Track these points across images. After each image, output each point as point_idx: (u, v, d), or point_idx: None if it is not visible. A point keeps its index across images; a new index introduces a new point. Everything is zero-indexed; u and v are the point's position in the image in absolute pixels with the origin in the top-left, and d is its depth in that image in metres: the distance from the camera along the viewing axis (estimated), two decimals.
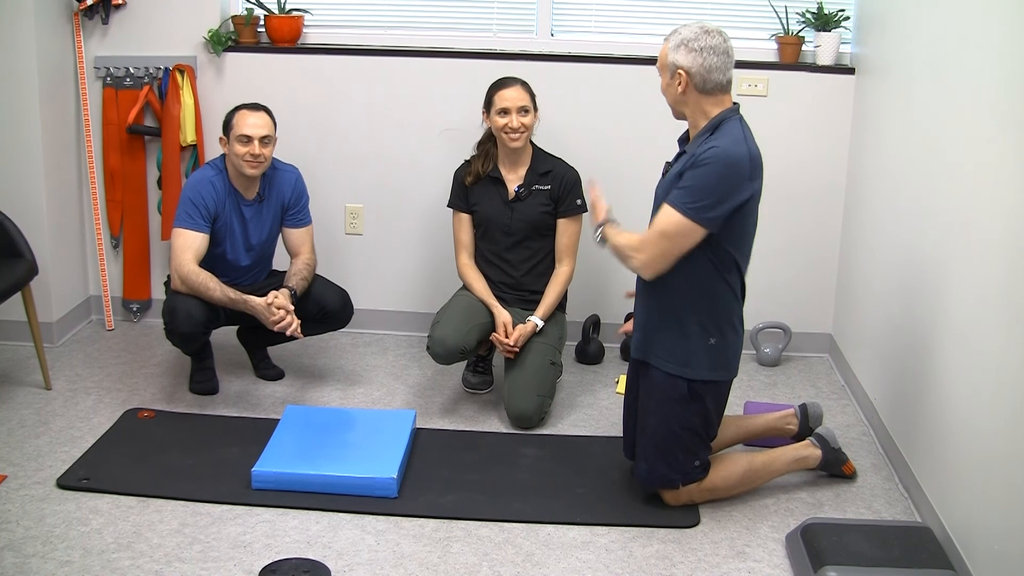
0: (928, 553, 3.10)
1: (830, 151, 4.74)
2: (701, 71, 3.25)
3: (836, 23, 4.66)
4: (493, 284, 4.35)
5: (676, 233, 3.21)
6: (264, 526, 3.41)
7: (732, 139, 3.22)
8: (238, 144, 4.07)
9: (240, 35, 4.88)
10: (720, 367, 3.40)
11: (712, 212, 3.18)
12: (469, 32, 4.92)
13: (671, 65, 3.29)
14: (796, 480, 3.75)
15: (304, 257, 4.32)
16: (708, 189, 3.17)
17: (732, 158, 3.17)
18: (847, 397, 4.50)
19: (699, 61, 3.24)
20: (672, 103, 3.38)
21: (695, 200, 3.17)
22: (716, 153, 3.17)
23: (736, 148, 3.19)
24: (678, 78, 3.27)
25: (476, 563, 3.24)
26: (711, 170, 3.16)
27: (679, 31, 3.31)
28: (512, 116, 4.15)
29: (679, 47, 3.27)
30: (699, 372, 3.36)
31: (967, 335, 3.22)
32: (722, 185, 3.17)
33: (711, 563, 3.28)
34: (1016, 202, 2.89)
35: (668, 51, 3.30)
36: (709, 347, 3.35)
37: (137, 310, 5.13)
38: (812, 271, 4.88)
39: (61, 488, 3.58)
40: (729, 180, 3.17)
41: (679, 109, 3.37)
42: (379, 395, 4.43)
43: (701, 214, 3.18)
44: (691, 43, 3.25)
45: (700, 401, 3.40)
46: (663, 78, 3.36)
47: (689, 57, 3.25)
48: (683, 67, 3.26)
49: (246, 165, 4.09)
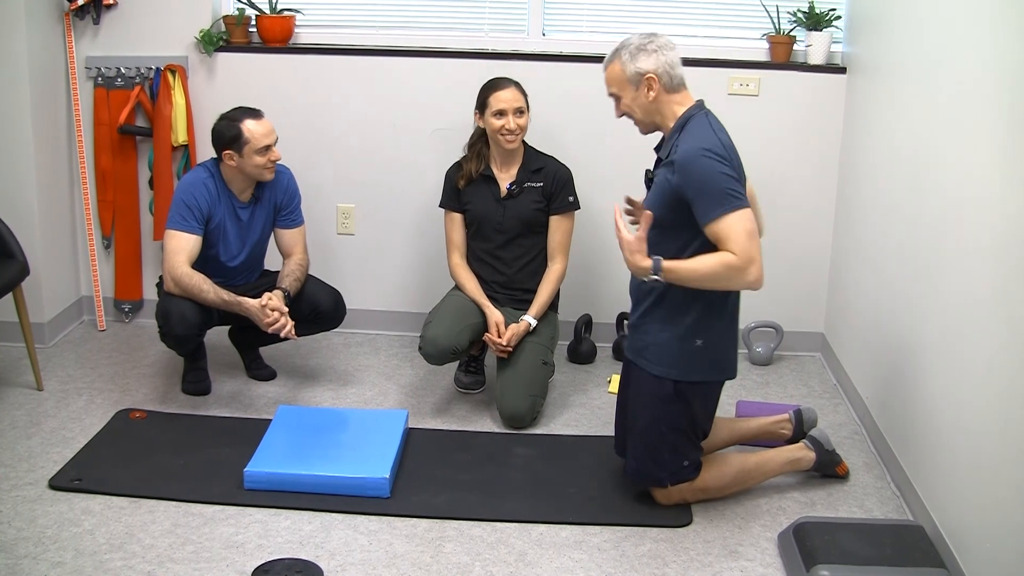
0: (920, 551, 3.11)
1: (821, 150, 4.74)
2: (667, 69, 3.28)
3: (827, 22, 4.67)
4: (485, 283, 4.35)
5: (742, 226, 3.12)
6: (257, 526, 3.40)
7: (699, 134, 3.23)
8: (258, 156, 4.06)
9: (231, 35, 4.87)
10: (709, 369, 3.40)
11: (740, 186, 3.17)
12: (461, 32, 4.92)
13: (635, 75, 3.29)
14: (788, 479, 3.76)
15: (297, 258, 4.31)
16: (712, 176, 3.14)
17: (706, 145, 3.17)
18: (839, 396, 4.50)
19: (662, 60, 3.27)
20: (643, 115, 3.36)
21: (717, 195, 3.12)
22: (686, 152, 3.17)
23: (705, 140, 3.20)
24: (647, 84, 3.28)
25: (469, 563, 3.24)
26: (697, 166, 3.15)
27: (623, 46, 3.32)
28: (509, 118, 4.15)
29: (636, 55, 3.28)
30: (685, 373, 3.36)
31: (958, 334, 3.23)
32: (716, 165, 3.15)
33: (703, 562, 3.28)
34: (1006, 201, 2.90)
35: (624, 64, 3.30)
36: (696, 348, 3.34)
37: (129, 310, 5.12)
38: (804, 270, 4.89)
39: (53, 489, 3.58)
40: (720, 160, 3.16)
41: (651, 119, 3.36)
42: (371, 395, 4.43)
43: (740, 198, 3.13)
44: (646, 47, 3.28)
45: (686, 402, 3.40)
46: (625, 95, 3.34)
47: (651, 59, 3.27)
48: (650, 71, 3.27)
49: (268, 172, 4.13)
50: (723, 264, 3.12)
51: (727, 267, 3.11)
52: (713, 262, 3.14)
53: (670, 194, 3.22)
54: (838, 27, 4.72)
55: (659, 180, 3.31)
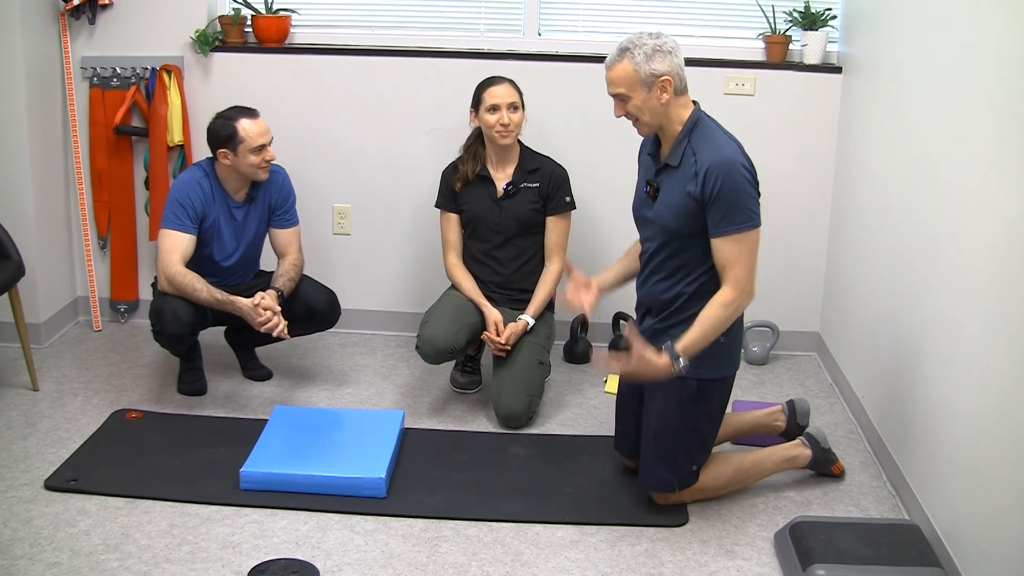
0: (916, 551, 3.11)
1: (817, 150, 4.75)
2: (678, 72, 3.24)
3: (823, 22, 4.67)
4: (482, 283, 4.35)
5: (753, 248, 3.22)
6: (252, 527, 3.40)
7: (718, 140, 3.22)
8: (252, 155, 4.06)
9: (227, 35, 4.87)
10: (727, 363, 3.42)
11: (759, 207, 3.23)
12: (457, 32, 4.92)
13: (648, 77, 3.20)
14: (785, 479, 3.76)
15: (291, 257, 4.31)
16: (743, 194, 3.17)
17: (741, 160, 3.19)
18: (835, 395, 4.51)
19: (676, 62, 3.23)
20: (651, 118, 3.28)
21: (743, 212, 3.17)
22: (720, 162, 3.16)
23: (729, 146, 3.21)
24: (660, 87, 3.21)
25: (465, 563, 3.24)
26: (731, 180, 3.15)
27: (636, 44, 3.21)
28: (503, 112, 4.15)
29: (651, 56, 3.19)
30: (708, 371, 3.34)
31: (955, 333, 3.23)
32: (748, 183, 3.19)
33: (699, 562, 3.28)
34: (1003, 200, 2.90)
35: (639, 65, 3.19)
36: (720, 345, 3.32)
37: (125, 311, 5.12)
38: (800, 270, 4.89)
39: (49, 490, 3.57)
40: (747, 175, 3.19)
41: (658, 122, 3.30)
42: (367, 395, 4.42)
43: (757, 217, 3.21)
44: (661, 47, 3.20)
45: (707, 399, 3.40)
46: (636, 96, 3.24)
47: (666, 61, 3.20)
48: (664, 73, 3.20)
49: (262, 172, 4.12)
50: (723, 306, 3.21)
51: (726, 307, 3.21)
52: (714, 313, 3.21)
53: (691, 203, 3.22)
54: (834, 27, 4.72)
55: (672, 189, 3.29)
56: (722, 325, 3.23)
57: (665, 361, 3.19)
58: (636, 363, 3.21)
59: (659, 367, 3.19)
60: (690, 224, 3.25)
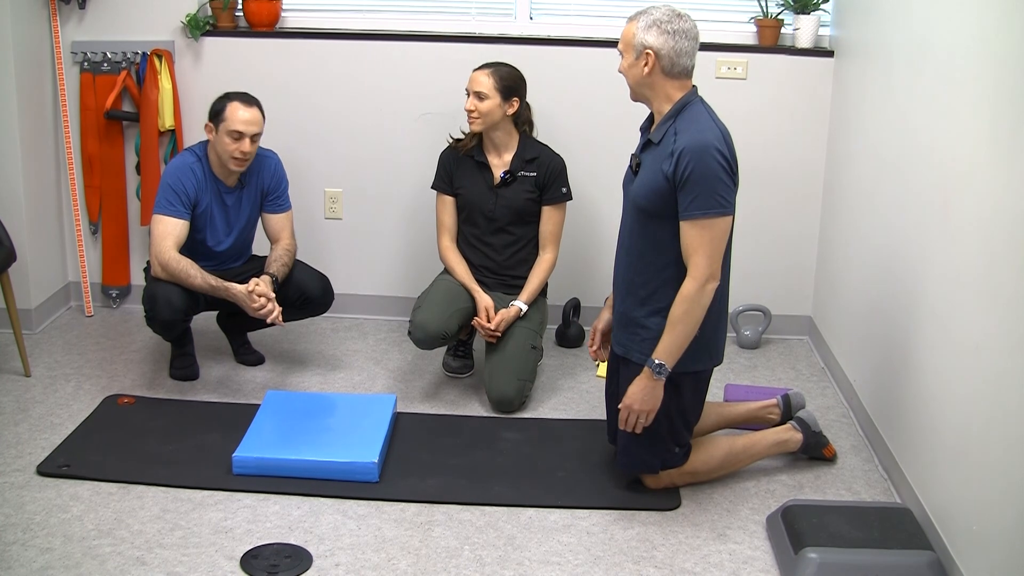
0: (907, 534, 3.12)
1: (809, 134, 4.75)
2: (671, 54, 3.22)
3: (815, 6, 4.66)
4: (475, 268, 4.35)
5: (720, 236, 3.18)
6: (245, 511, 3.41)
7: (702, 125, 3.21)
8: (228, 138, 4.02)
9: (218, 19, 4.85)
10: (702, 357, 3.39)
11: (732, 196, 3.20)
12: (448, 16, 4.91)
13: (638, 45, 3.24)
14: (777, 462, 3.77)
15: (284, 243, 4.30)
16: (713, 180, 3.14)
17: (718, 146, 3.16)
18: (827, 379, 4.52)
19: (671, 44, 3.22)
20: (634, 84, 3.33)
21: (712, 197, 3.14)
22: (696, 146, 3.14)
23: (710, 132, 3.19)
24: (644, 58, 3.24)
25: (458, 546, 3.25)
26: (703, 164, 3.13)
27: (649, 11, 3.26)
28: (469, 99, 4.15)
29: (651, 27, 3.22)
30: (680, 364, 3.30)
31: (946, 317, 3.24)
32: (722, 170, 3.15)
33: (692, 545, 3.29)
34: (994, 184, 2.91)
35: (637, 31, 3.25)
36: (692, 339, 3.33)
37: (116, 296, 5.11)
38: (792, 254, 4.89)
39: (41, 475, 3.57)
40: (723, 161, 3.16)
41: (641, 92, 3.33)
42: (360, 380, 4.43)
43: (728, 205, 3.18)
44: (664, 24, 3.22)
45: (678, 391, 3.38)
46: (626, 58, 3.31)
47: (661, 38, 3.21)
48: (652, 47, 3.22)
49: (232, 162, 4.07)
50: (686, 300, 3.20)
51: (690, 300, 3.19)
52: (681, 310, 3.21)
53: (663, 182, 3.20)
54: (826, 10, 4.72)
55: (649, 167, 3.29)
56: (694, 318, 3.21)
57: (648, 378, 3.26)
58: (629, 401, 3.31)
59: (649, 389, 3.28)
60: (656, 203, 3.23)
